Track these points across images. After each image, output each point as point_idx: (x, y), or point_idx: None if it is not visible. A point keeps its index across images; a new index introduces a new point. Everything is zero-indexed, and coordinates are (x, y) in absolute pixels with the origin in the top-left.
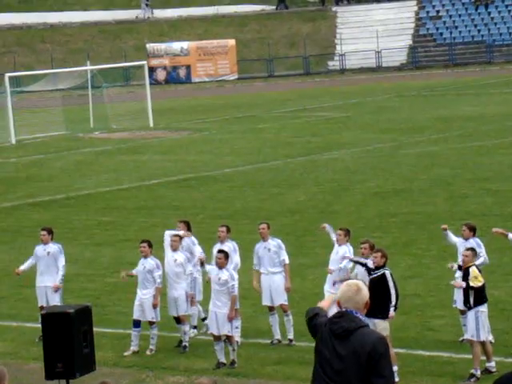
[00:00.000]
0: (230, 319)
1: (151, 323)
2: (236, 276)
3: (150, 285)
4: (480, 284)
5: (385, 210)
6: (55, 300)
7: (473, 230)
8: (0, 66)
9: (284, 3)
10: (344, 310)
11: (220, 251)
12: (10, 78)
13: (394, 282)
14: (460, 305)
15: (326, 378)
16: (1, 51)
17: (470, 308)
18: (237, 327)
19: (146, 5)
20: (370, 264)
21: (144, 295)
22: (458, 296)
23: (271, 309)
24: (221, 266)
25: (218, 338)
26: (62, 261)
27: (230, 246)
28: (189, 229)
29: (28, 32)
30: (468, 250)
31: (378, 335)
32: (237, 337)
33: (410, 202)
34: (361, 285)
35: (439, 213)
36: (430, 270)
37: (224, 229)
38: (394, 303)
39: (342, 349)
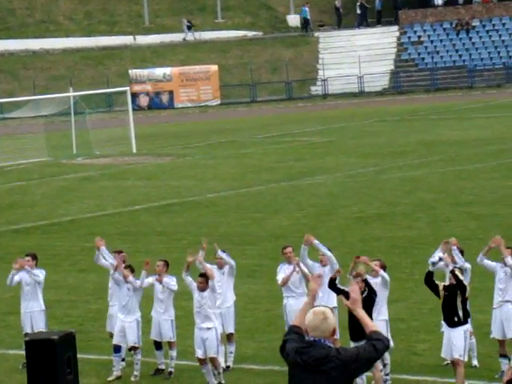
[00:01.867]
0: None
1: (134, 348)
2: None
3: (132, 310)
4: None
5: (368, 235)
6: (40, 326)
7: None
8: None
9: (365, 17)
10: (312, 339)
11: (201, 275)
12: None
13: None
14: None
15: None
16: None
17: (459, 323)
18: (231, 352)
19: (189, 27)
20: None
21: (126, 320)
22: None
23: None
24: (203, 289)
25: (203, 362)
26: (40, 278)
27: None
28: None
29: (10, 59)
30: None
31: (353, 349)
32: (229, 361)
33: (393, 227)
34: (327, 313)
35: (423, 237)
36: (414, 294)
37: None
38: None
39: (317, 377)
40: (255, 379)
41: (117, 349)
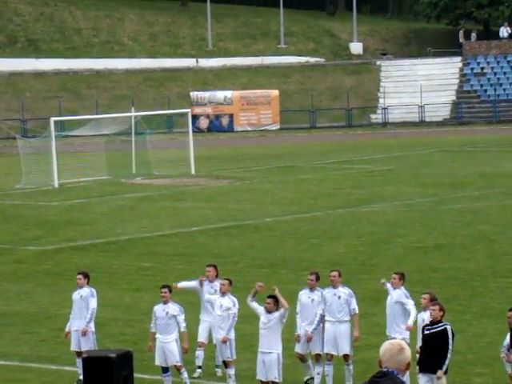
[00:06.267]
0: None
1: (178, 368)
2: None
3: (172, 330)
4: None
5: (426, 265)
6: (88, 345)
7: None
8: (45, 110)
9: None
10: (385, 369)
11: (270, 296)
12: (55, 122)
13: (453, 340)
14: None
15: None
16: (47, 96)
17: None
18: (318, 373)
19: None
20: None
21: (166, 340)
22: None
23: (330, 357)
24: (269, 311)
25: None
26: (92, 304)
27: (318, 294)
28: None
29: (74, 77)
30: (511, 310)
31: None
32: (316, 382)
33: (451, 258)
34: (404, 345)
35: (481, 269)
36: (471, 327)
37: (314, 277)
38: (448, 361)
39: None
40: None
41: (164, 369)
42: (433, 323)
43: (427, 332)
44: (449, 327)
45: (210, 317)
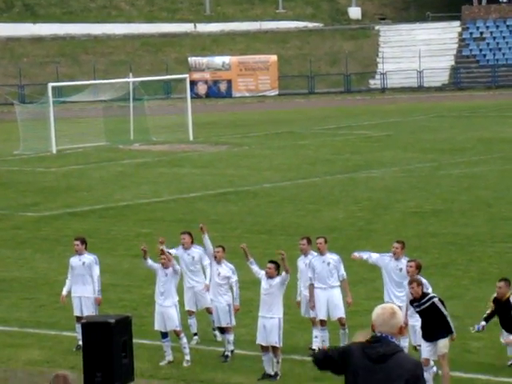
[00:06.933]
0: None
1: (177, 333)
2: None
3: (172, 295)
4: None
5: (424, 230)
6: (90, 310)
7: None
8: (43, 76)
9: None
10: (379, 334)
11: (271, 261)
12: (53, 87)
13: (445, 306)
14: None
15: None
16: (44, 61)
17: None
18: (316, 336)
19: None
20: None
21: (165, 305)
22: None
23: (324, 323)
24: (270, 276)
25: (265, 349)
26: (96, 272)
27: (311, 258)
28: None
29: (71, 43)
30: (501, 280)
31: (414, 361)
32: (315, 346)
33: (449, 223)
34: (396, 308)
35: (479, 234)
36: (469, 292)
37: (305, 241)
38: (452, 327)
39: (378, 373)
40: (307, 371)
41: (163, 334)
42: (417, 299)
43: (418, 309)
44: (436, 300)
45: (193, 282)
